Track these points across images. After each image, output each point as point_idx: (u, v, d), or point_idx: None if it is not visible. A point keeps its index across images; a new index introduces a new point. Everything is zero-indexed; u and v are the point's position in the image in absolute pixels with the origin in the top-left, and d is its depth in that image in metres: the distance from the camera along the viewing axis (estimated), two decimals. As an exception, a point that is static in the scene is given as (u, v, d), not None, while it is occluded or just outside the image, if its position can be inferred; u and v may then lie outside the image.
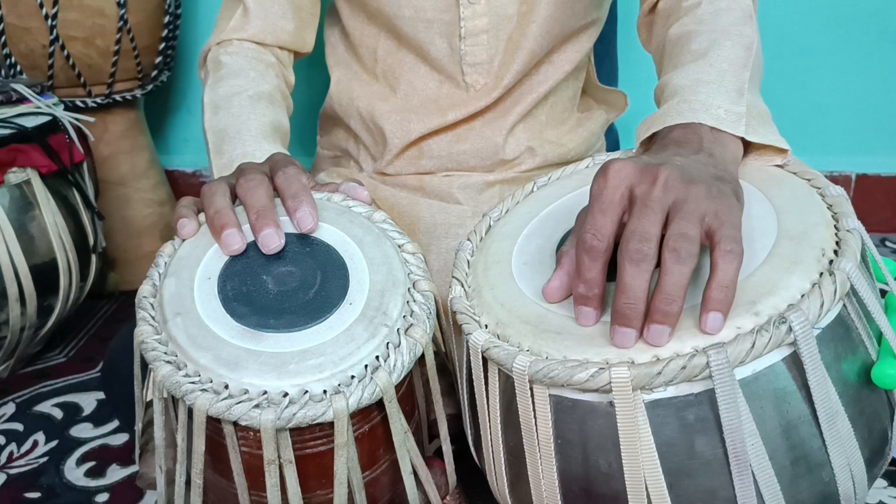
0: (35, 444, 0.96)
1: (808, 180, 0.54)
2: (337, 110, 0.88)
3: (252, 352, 0.52)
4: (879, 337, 0.49)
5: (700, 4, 0.70)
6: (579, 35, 0.84)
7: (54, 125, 1.03)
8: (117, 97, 1.25)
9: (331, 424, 0.51)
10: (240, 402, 0.50)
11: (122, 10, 1.17)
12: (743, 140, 0.57)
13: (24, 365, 1.13)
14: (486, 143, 0.82)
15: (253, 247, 0.59)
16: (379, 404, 0.53)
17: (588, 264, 0.47)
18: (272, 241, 0.57)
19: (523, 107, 0.83)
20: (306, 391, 0.50)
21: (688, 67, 0.63)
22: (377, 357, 0.53)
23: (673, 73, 0.63)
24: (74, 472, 0.91)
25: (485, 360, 0.51)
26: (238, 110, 0.78)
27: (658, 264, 0.45)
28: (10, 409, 1.04)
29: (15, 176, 0.99)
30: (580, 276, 0.47)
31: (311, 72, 1.49)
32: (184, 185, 1.52)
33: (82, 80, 1.21)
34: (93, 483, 0.89)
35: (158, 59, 1.27)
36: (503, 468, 0.53)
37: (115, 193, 1.29)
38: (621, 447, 0.45)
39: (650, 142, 0.59)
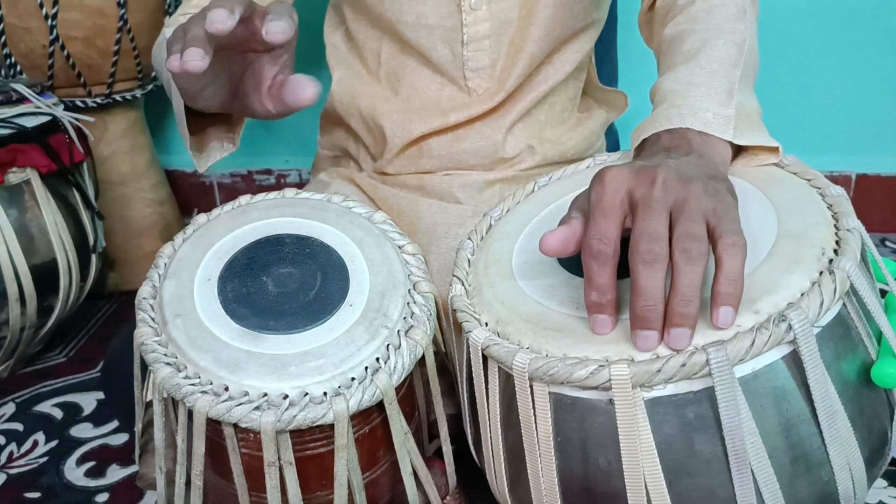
0: (35, 444, 0.96)
1: (809, 180, 0.54)
2: (338, 109, 0.88)
3: (252, 354, 0.52)
4: (879, 336, 0.49)
5: (694, 2, 0.70)
6: (579, 36, 0.84)
7: (54, 125, 1.03)
8: (117, 97, 1.25)
9: (331, 426, 0.51)
10: (240, 405, 0.50)
11: (122, 10, 1.17)
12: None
13: (24, 365, 1.13)
14: (485, 142, 0.82)
15: (253, 249, 0.59)
16: (379, 406, 0.53)
17: (597, 270, 0.46)
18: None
19: (523, 105, 0.83)
20: (306, 393, 0.50)
21: (679, 70, 0.63)
22: (377, 359, 0.53)
23: (665, 75, 0.64)
24: (74, 472, 0.91)
25: (485, 359, 0.51)
26: None
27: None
28: (10, 409, 1.03)
29: (15, 176, 0.99)
30: (591, 284, 0.47)
31: (313, 72, 1.49)
32: (184, 185, 1.52)
33: (82, 80, 1.20)
34: (93, 483, 0.89)
35: (158, 59, 1.28)
36: (503, 467, 0.53)
37: (115, 193, 1.29)
38: (621, 445, 0.45)
39: (642, 148, 0.59)
